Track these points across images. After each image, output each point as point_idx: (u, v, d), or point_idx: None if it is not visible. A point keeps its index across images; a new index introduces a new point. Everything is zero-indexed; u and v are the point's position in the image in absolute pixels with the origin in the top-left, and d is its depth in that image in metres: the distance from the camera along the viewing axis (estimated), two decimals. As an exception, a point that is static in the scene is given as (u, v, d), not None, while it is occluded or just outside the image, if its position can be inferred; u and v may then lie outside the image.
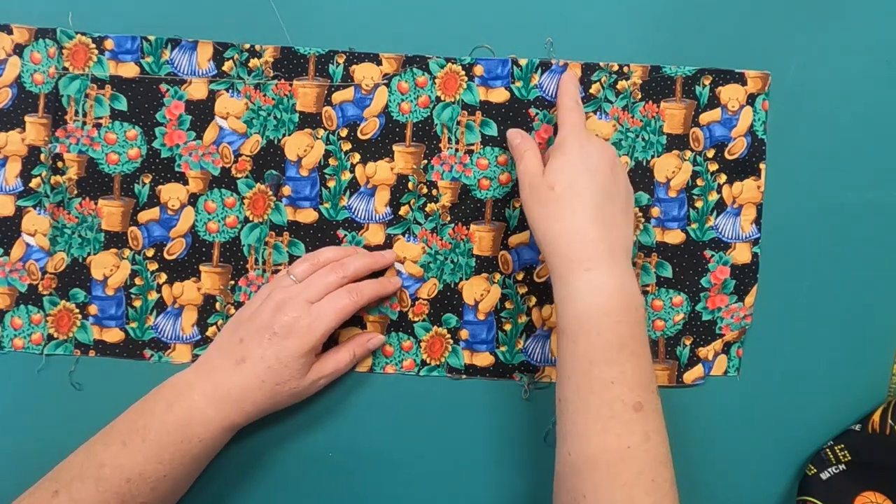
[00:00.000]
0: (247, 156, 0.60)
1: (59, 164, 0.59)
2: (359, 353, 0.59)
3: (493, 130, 0.61)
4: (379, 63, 0.60)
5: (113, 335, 0.60)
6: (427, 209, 0.61)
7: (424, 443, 0.61)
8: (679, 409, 0.62)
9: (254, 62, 0.60)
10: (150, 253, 0.60)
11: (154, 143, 0.59)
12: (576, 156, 0.53)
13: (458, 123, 0.61)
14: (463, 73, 0.61)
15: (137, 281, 0.60)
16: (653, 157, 0.61)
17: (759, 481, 0.63)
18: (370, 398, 0.61)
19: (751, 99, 0.62)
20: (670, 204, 0.62)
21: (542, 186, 0.53)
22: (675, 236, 0.62)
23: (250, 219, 0.60)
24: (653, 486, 0.48)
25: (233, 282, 0.60)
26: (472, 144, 0.61)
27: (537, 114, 0.61)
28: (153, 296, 0.60)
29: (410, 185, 0.61)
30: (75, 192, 0.59)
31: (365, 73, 0.60)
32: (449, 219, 0.61)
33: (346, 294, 0.56)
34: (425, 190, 0.61)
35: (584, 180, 0.53)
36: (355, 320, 0.61)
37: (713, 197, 0.62)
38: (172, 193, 0.60)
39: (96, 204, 0.59)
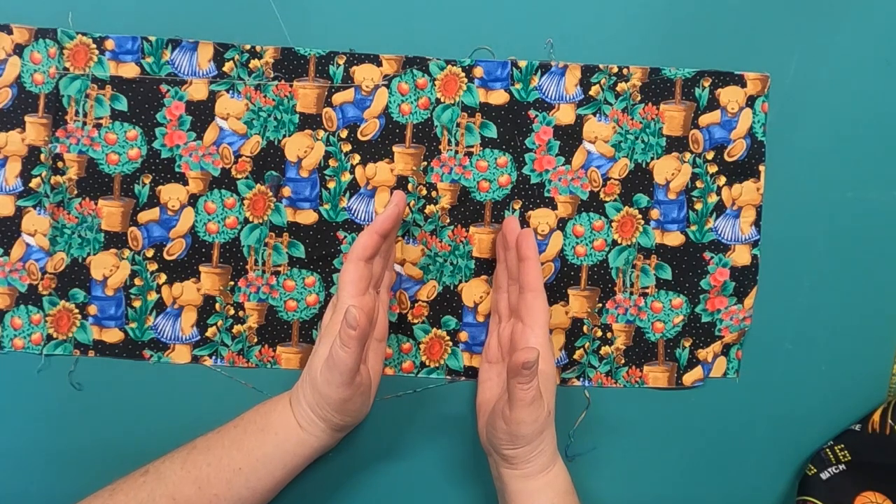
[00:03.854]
0: (247, 157, 0.60)
1: (60, 164, 0.59)
2: (343, 337, 0.49)
3: (492, 132, 0.61)
4: (379, 64, 0.60)
5: (112, 335, 0.60)
6: (426, 211, 0.61)
7: (424, 443, 0.61)
8: (678, 410, 0.62)
9: (254, 63, 0.60)
10: (150, 253, 0.60)
11: (154, 143, 0.60)
12: (553, 371, 0.56)
13: (458, 125, 0.61)
14: (463, 74, 0.61)
15: (137, 281, 0.60)
16: (652, 159, 0.61)
17: (759, 481, 0.63)
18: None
19: (750, 101, 0.62)
20: (670, 206, 0.62)
21: (546, 416, 0.53)
22: (674, 238, 0.62)
23: (250, 219, 0.60)
24: None
25: (232, 282, 0.60)
26: (472, 146, 0.61)
27: (537, 115, 0.61)
28: (153, 296, 0.60)
29: (410, 186, 0.61)
30: (75, 192, 0.59)
31: (365, 75, 0.60)
32: (448, 221, 0.61)
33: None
34: (425, 192, 0.61)
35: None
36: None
37: (713, 199, 0.62)
38: (172, 194, 0.60)
39: (96, 204, 0.59)
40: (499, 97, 0.61)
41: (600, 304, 0.62)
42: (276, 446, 0.53)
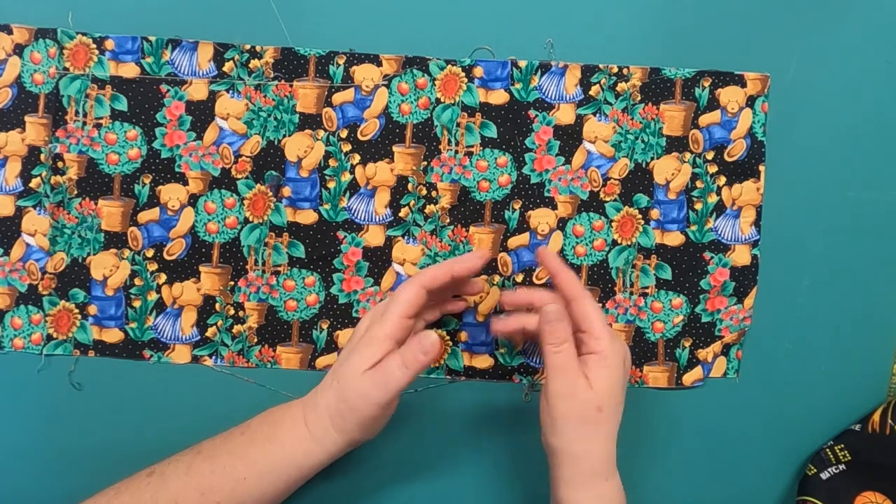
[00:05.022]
0: (247, 156, 0.60)
1: (60, 164, 0.59)
2: (409, 359, 0.50)
3: (492, 132, 0.61)
4: (379, 64, 0.60)
5: (112, 335, 0.60)
6: (426, 211, 0.61)
7: (424, 444, 0.61)
8: (678, 410, 0.62)
9: (254, 63, 0.60)
10: (150, 253, 0.60)
11: (154, 143, 0.60)
12: (621, 374, 0.52)
13: (458, 125, 0.61)
14: (463, 74, 0.61)
15: (137, 281, 0.60)
16: (652, 159, 0.61)
17: (759, 481, 0.63)
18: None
19: (750, 101, 0.62)
20: (670, 206, 0.62)
21: (590, 404, 0.50)
22: (674, 238, 0.62)
23: (250, 219, 0.60)
24: None
25: (232, 282, 0.60)
26: (472, 146, 0.61)
27: (537, 115, 0.61)
28: (153, 296, 0.60)
29: (410, 186, 0.61)
30: (75, 192, 0.59)
31: (365, 75, 0.60)
32: (448, 221, 0.61)
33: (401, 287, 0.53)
34: (425, 192, 0.61)
35: (622, 397, 0.52)
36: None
37: (713, 199, 0.62)
38: (172, 194, 0.60)
39: (96, 204, 0.59)
40: (499, 97, 0.61)
41: (600, 304, 0.62)
42: (283, 459, 0.52)
